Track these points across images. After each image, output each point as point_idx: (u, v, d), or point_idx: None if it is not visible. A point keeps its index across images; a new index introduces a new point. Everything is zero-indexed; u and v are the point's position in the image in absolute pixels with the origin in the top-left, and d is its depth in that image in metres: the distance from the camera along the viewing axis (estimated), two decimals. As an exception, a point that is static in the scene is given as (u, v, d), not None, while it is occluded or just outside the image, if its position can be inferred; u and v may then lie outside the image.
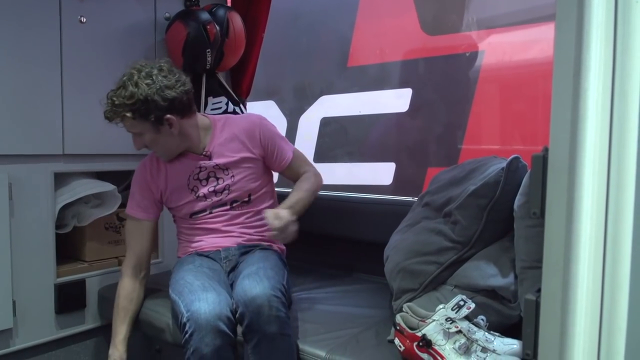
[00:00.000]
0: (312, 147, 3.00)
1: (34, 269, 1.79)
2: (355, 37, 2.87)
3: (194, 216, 1.71)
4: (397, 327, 1.30)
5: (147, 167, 1.72)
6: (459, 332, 1.19)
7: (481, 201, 1.44)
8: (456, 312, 1.20)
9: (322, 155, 2.99)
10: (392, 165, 2.71)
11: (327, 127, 2.99)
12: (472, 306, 1.22)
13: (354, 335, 1.46)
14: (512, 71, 2.35)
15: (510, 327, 1.35)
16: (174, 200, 1.71)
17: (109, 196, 2.00)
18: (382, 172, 2.73)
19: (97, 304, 1.97)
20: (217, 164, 1.68)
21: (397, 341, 1.30)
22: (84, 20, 1.88)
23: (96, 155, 1.97)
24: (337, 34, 2.97)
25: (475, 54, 2.40)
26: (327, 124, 2.99)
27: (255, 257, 1.61)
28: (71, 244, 2.00)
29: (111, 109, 1.53)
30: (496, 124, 2.44)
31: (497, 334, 1.24)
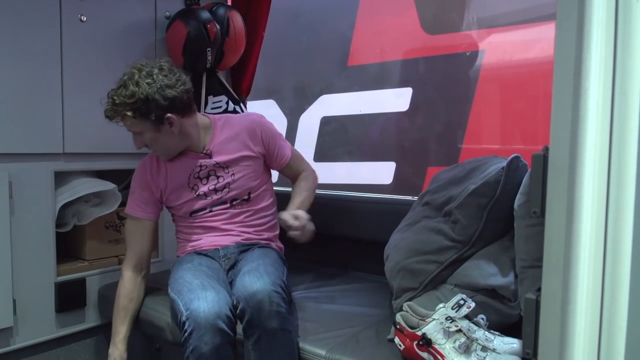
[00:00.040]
0: (312, 146, 3.00)
1: (34, 268, 1.79)
2: (355, 36, 2.87)
3: (194, 214, 1.71)
4: (397, 326, 1.30)
5: (146, 166, 1.72)
6: (459, 331, 1.19)
7: (481, 200, 1.44)
8: (456, 311, 1.21)
9: (322, 154, 2.99)
10: (392, 164, 2.71)
11: (327, 126, 2.99)
12: (472, 305, 1.22)
13: (354, 334, 1.46)
14: (513, 70, 2.35)
15: (510, 326, 1.35)
16: (174, 199, 1.71)
17: (109, 195, 2.00)
18: (382, 172, 2.73)
19: (97, 302, 1.97)
20: (218, 162, 1.69)
21: (397, 340, 1.30)
22: (84, 19, 1.88)
23: (96, 154, 1.97)
24: (338, 33, 2.97)
25: (475, 53, 2.40)
26: (327, 123, 2.99)
27: (254, 254, 1.62)
28: (71, 243, 2.00)
29: (112, 107, 1.54)
30: (496, 123, 2.44)
31: (497, 333, 1.24)
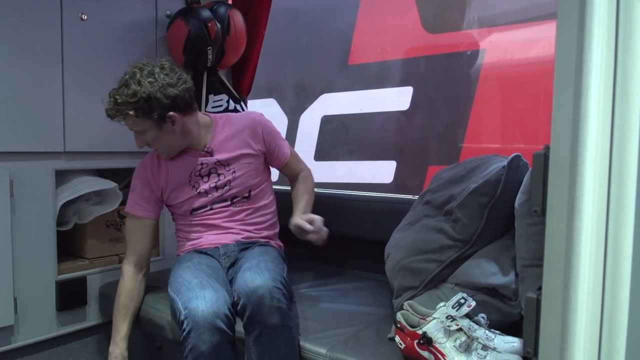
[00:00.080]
0: (312, 145, 3.00)
1: (35, 266, 1.79)
2: (356, 35, 2.87)
3: (194, 212, 1.71)
4: (398, 325, 1.30)
5: (147, 165, 1.72)
6: (460, 330, 1.19)
7: (482, 199, 1.44)
8: (457, 310, 1.21)
9: (322, 153, 2.99)
10: (392, 163, 2.71)
11: (328, 125, 2.99)
12: (473, 304, 1.22)
13: (354, 332, 1.46)
14: (514, 69, 2.34)
15: (510, 325, 1.35)
16: (175, 197, 1.71)
17: (109, 194, 2.00)
18: (382, 171, 2.73)
19: (98, 301, 1.97)
20: (219, 160, 1.69)
21: (397, 339, 1.30)
22: (85, 17, 1.87)
23: (97, 152, 1.97)
24: (338, 31, 2.97)
25: (476, 52, 2.40)
26: (328, 122, 2.99)
27: (255, 251, 1.62)
28: (72, 241, 2.00)
29: (114, 107, 1.54)
30: (497, 122, 2.44)
31: (498, 332, 1.24)
